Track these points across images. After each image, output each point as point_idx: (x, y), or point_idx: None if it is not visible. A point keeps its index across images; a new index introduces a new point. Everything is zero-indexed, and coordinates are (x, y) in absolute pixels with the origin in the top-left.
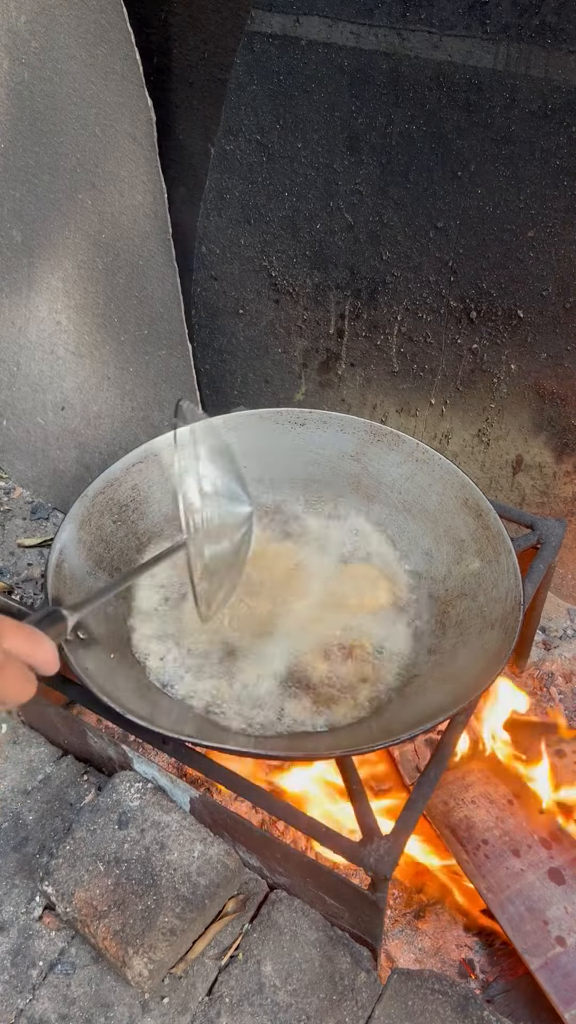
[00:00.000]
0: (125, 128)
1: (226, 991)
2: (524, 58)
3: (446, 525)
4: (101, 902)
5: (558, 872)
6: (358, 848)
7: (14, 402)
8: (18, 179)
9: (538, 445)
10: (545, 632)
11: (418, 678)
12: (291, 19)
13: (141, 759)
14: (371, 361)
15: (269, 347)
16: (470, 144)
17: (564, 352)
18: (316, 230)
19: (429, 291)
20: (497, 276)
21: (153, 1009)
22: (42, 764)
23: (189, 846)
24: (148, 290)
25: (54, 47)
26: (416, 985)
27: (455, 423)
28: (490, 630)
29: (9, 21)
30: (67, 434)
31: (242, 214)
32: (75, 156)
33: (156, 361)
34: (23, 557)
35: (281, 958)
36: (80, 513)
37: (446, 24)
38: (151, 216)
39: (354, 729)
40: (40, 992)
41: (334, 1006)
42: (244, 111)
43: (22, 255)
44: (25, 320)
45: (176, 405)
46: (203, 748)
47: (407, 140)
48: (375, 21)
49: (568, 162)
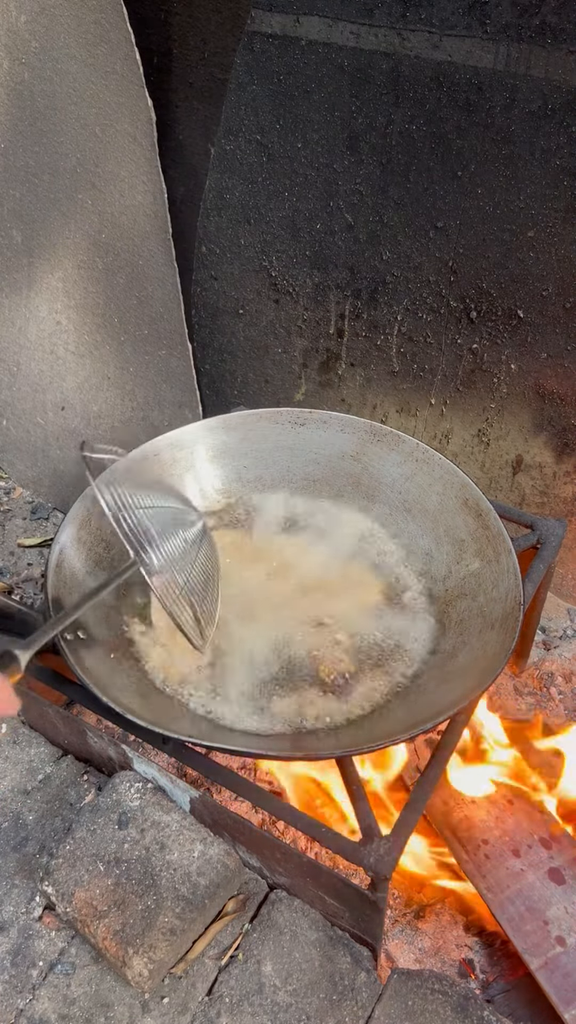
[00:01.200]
0: (125, 128)
1: (226, 991)
2: (524, 58)
3: (446, 525)
4: (101, 902)
5: (558, 872)
6: (358, 848)
7: (14, 402)
8: (18, 179)
9: (538, 445)
10: (545, 632)
11: (418, 678)
12: (291, 19)
13: (141, 759)
14: (371, 361)
15: (269, 347)
16: (470, 144)
17: (564, 352)
18: (316, 230)
19: (429, 291)
20: (497, 276)
21: (153, 1009)
22: (42, 764)
23: (189, 846)
24: (148, 290)
25: (54, 47)
26: (416, 985)
27: (455, 423)
28: (490, 630)
29: (9, 21)
30: (67, 434)
31: (242, 214)
32: (75, 156)
33: (156, 361)
34: (23, 557)
35: (281, 958)
36: (80, 513)
37: (446, 24)
38: (151, 216)
39: (354, 729)
40: (40, 992)
41: (334, 1006)
42: (244, 111)
43: (22, 255)
44: (25, 320)
45: (80, 447)
46: (203, 748)
47: (407, 140)
48: (375, 21)
49: (568, 162)
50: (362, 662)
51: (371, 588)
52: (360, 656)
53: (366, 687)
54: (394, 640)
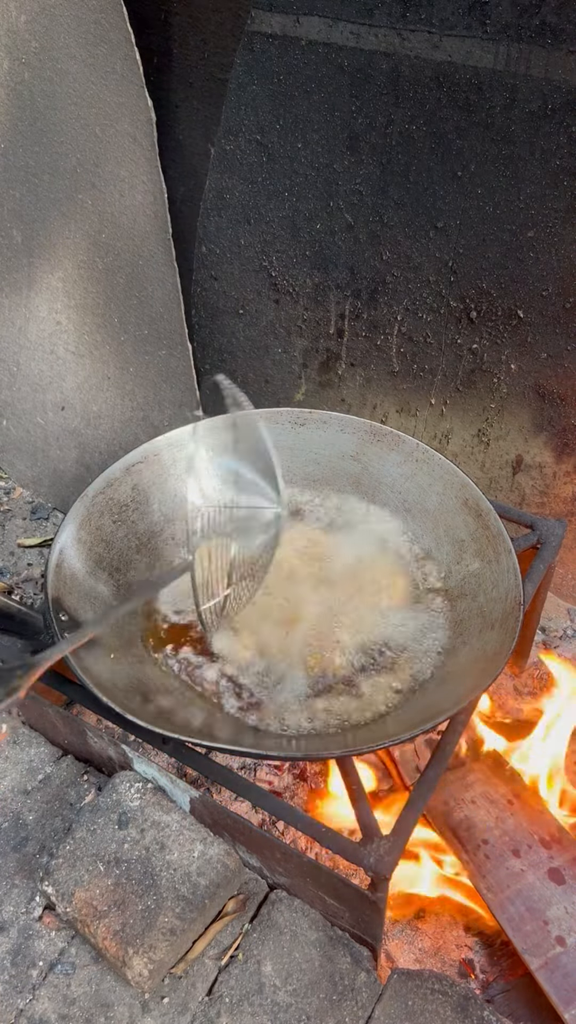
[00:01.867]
0: (125, 128)
1: (226, 991)
2: (524, 58)
3: (446, 525)
4: (101, 902)
5: (558, 872)
6: (358, 848)
7: (14, 402)
8: (18, 179)
9: (538, 445)
10: (545, 632)
11: (418, 678)
12: (291, 19)
13: (141, 759)
14: (371, 361)
15: (269, 347)
16: (470, 144)
17: (564, 352)
18: (316, 230)
19: (429, 291)
20: (497, 276)
21: (153, 1009)
22: (42, 764)
23: (189, 846)
24: (148, 290)
25: (54, 47)
26: (416, 985)
27: (455, 423)
28: (490, 630)
29: (9, 21)
30: (67, 434)
31: (242, 214)
32: (75, 156)
33: (156, 361)
34: (23, 557)
35: (281, 958)
36: (80, 513)
37: (446, 24)
38: (151, 216)
39: (355, 729)
40: (40, 992)
41: (334, 1006)
42: (244, 111)
43: (22, 255)
44: (25, 320)
45: (214, 383)
46: (202, 748)
47: (407, 140)
48: (375, 21)
49: (568, 162)
50: (363, 662)
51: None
52: (360, 656)
53: (367, 687)
54: (395, 640)
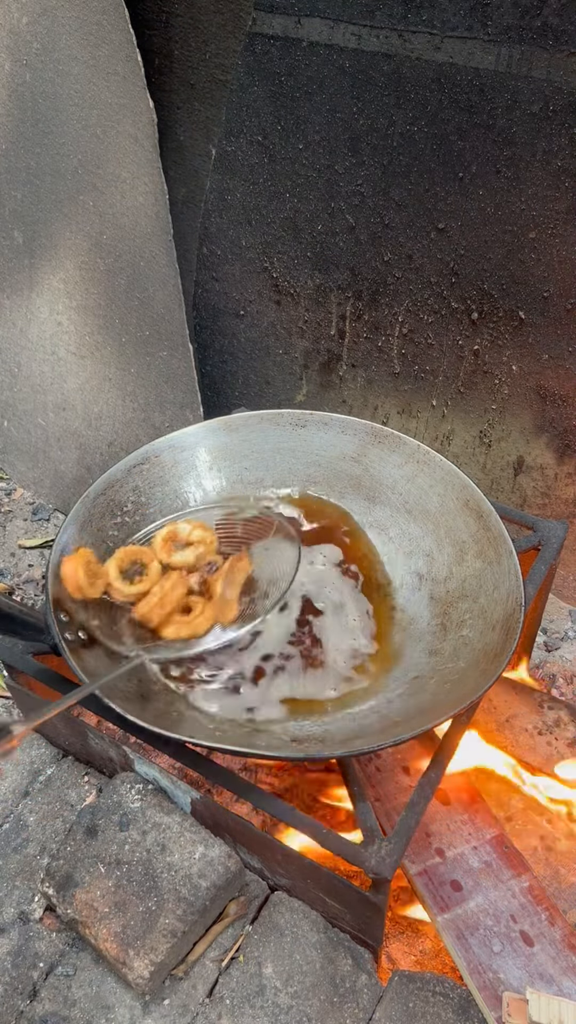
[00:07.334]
0: (127, 129)
1: (227, 993)
2: (525, 60)
3: (447, 527)
4: (102, 904)
5: (444, 793)
6: (359, 850)
7: (15, 403)
8: (20, 180)
9: (539, 446)
10: (546, 633)
11: (418, 679)
12: (292, 20)
13: (142, 760)
14: (372, 362)
15: (270, 348)
16: (471, 145)
17: (566, 353)
18: (317, 231)
19: (430, 292)
20: (498, 277)
21: (154, 1011)
22: (43, 765)
23: (190, 848)
24: (149, 291)
25: (56, 48)
26: (417, 987)
27: (456, 424)
28: (491, 631)
29: (11, 22)
30: (68, 435)
31: (243, 215)
32: (77, 157)
33: (157, 362)
34: (24, 558)
35: (282, 960)
36: (81, 514)
37: (447, 26)
38: (152, 217)
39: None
40: (41, 994)
41: (335, 1008)
42: (245, 112)
43: (23, 256)
44: (26, 321)
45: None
46: (204, 749)
47: (408, 141)
48: (376, 23)
49: (569, 163)
50: (364, 663)
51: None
52: (363, 657)
53: (368, 688)
54: (396, 641)
